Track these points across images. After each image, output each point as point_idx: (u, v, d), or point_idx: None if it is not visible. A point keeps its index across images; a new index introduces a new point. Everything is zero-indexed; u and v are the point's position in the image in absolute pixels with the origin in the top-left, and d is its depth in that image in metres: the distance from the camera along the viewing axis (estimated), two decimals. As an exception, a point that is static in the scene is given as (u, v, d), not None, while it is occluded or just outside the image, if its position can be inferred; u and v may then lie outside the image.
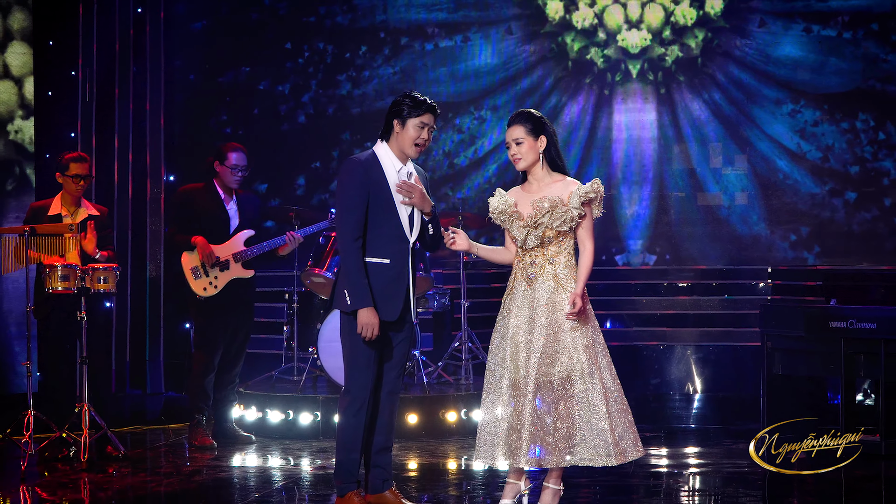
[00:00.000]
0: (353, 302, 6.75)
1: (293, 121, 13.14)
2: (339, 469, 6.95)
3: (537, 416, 6.61)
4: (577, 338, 6.63)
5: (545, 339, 6.63)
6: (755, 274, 12.48)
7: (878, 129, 12.61)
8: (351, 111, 13.13)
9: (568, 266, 6.69)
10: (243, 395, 9.89)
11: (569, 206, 6.63)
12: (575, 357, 6.62)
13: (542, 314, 6.66)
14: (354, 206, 6.78)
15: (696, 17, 12.90)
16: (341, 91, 13.13)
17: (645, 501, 7.71)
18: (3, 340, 11.27)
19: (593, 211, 6.70)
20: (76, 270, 8.63)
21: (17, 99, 11.41)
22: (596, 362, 6.65)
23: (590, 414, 6.57)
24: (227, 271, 9.23)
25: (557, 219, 6.63)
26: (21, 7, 11.36)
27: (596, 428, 6.57)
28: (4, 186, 11.38)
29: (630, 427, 6.66)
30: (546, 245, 6.70)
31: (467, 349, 10.59)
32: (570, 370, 6.60)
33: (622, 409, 6.66)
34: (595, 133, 13.02)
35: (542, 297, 6.66)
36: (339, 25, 13.13)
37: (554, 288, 6.66)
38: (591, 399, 6.58)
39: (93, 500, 7.72)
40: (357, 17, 13.13)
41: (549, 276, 6.69)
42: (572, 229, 6.66)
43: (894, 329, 8.68)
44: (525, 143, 6.70)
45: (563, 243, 6.69)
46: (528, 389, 6.62)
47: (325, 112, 13.15)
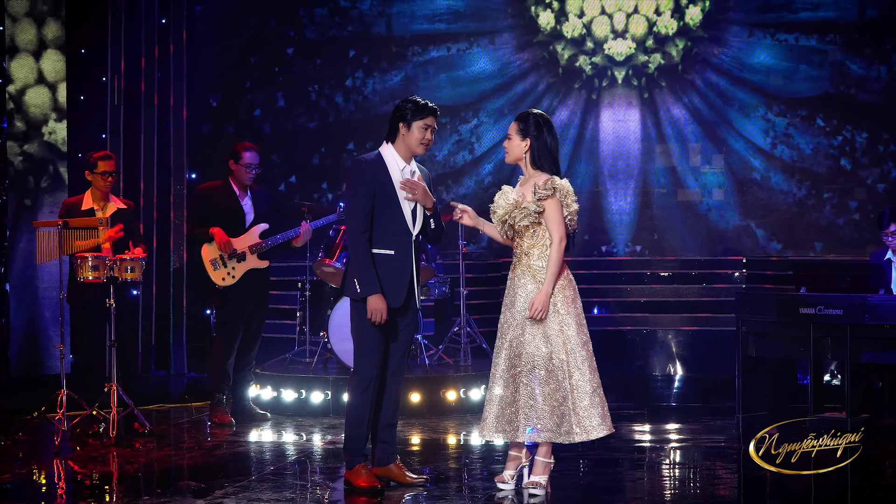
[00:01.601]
0: (362, 290, 6.77)
1: (305, 123, 13.12)
2: (348, 443, 6.96)
3: (528, 396, 6.66)
4: (554, 325, 6.65)
5: (522, 325, 6.71)
6: (731, 264, 12.48)
7: (844, 131, 12.61)
8: (359, 114, 13.10)
9: (541, 258, 6.72)
10: (259, 375, 9.88)
11: (527, 203, 6.67)
12: (553, 343, 6.66)
13: (519, 302, 6.75)
14: (361, 203, 6.80)
15: (676, 27, 12.88)
16: (351, 95, 13.11)
17: (629, 473, 7.71)
18: (39, 325, 11.27)
19: (561, 205, 6.66)
20: (106, 261, 8.63)
21: (51, 103, 11.40)
22: (573, 349, 6.66)
23: (564, 394, 6.61)
24: (244, 262, 9.22)
25: (519, 214, 6.69)
26: (55, 18, 11.34)
27: (571, 407, 6.61)
28: (39, 184, 11.37)
29: (602, 405, 6.69)
30: (520, 237, 6.76)
31: (466, 334, 10.59)
32: (549, 355, 6.66)
33: (595, 388, 6.69)
34: (583, 134, 13.01)
35: (518, 286, 6.76)
36: (349, 36, 13.11)
37: (529, 278, 6.73)
38: (565, 382, 6.62)
39: (121, 472, 7.72)
40: (366, 28, 13.10)
41: (525, 266, 6.77)
42: (539, 223, 6.68)
43: (859, 315, 8.67)
44: (512, 140, 6.82)
45: (537, 235, 6.72)
46: (517, 371, 6.68)
47: (340, 114, 13.13)
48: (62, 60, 11.38)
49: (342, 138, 13.07)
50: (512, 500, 6.75)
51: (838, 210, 12.59)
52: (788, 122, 12.70)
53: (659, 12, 12.89)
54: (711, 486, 7.32)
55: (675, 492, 7.28)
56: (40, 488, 7.44)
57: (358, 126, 13.05)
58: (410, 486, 7.02)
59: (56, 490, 7.41)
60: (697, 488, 7.31)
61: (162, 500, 6.79)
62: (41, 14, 11.32)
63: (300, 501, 6.81)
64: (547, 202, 6.64)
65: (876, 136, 12.52)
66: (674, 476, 7.80)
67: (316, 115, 13.13)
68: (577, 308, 6.74)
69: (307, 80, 13.12)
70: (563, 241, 6.66)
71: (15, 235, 11.04)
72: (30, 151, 11.30)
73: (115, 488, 7.31)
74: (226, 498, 6.82)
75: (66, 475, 7.69)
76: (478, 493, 6.98)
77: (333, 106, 13.12)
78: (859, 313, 8.66)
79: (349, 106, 13.12)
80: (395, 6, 13.09)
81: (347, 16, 13.10)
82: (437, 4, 13.13)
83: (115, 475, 7.65)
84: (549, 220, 6.66)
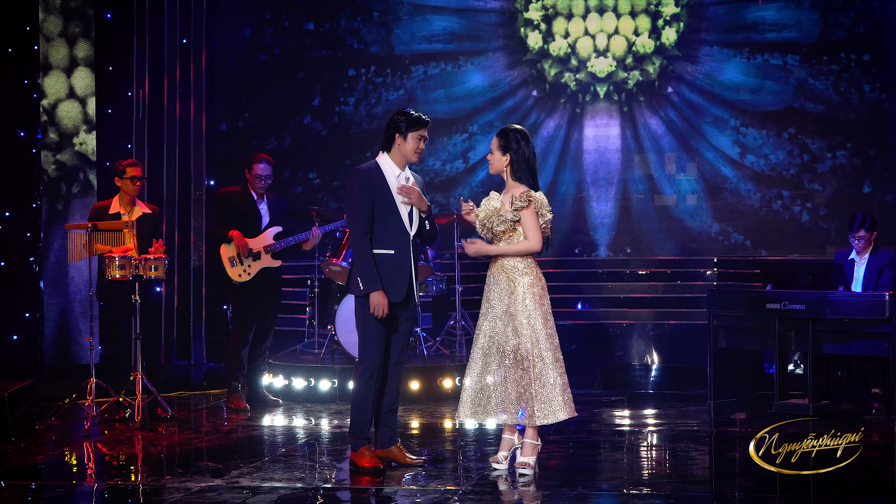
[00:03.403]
0: (365, 287, 6.79)
1: (313, 132, 13.12)
2: (353, 427, 6.95)
3: (498, 382, 6.74)
4: (523, 319, 6.74)
5: (496, 318, 6.81)
6: (703, 263, 12.47)
7: (806, 141, 12.60)
8: (363, 126, 13.09)
9: (514, 258, 6.81)
10: (272, 365, 9.87)
11: (504, 212, 6.77)
12: (523, 336, 6.72)
13: (493, 296, 6.85)
14: (361, 208, 6.83)
15: (653, 46, 12.87)
16: (358, 109, 13.09)
17: (610, 454, 7.71)
18: (70, 319, 11.25)
19: (536, 215, 6.76)
20: (131, 260, 8.62)
21: (82, 116, 11.37)
22: (538, 340, 6.72)
23: (529, 381, 6.70)
24: (259, 261, 9.21)
25: (497, 220, 6.81)
26: (85, 39, 11.32)
27: (534, 393, 6.68)
28: (71, 190, 11.35)
29: (564, 391, 6.75)
30: (497, 240, 6.86)
31: (461, 327, 10.59)
32: (517, 345, 6.74)
33: (558, 376, 6.72)
34: (568, 145, 12.99)
35: (493, 282, 6.87)
36: (355, 55, 13.10)
37: (503, 276, 6.83)
38: (531, 370, 6.69)
39: (145, 454, 7.71)
40: (368, 47, 13.10)
41: (499, 265, 6.87)
42: (514, 229, 6.77)
43: (820, 309, 8.68)
44: (494, 155, 6.92)
45: (511, 239, 6.83)
46: (490, 359, 6.79)
47: (344, 126, 13.12)
48: (91, 77, 11.36)
49: (350, 148, 13.04)
50: (504, 479, 6.75)
51: (800, 214, 12.59)
52: (755, 134, 12.70)
53: (638, 33, 12.89)
54: (685, 466, 7.31)
55: (653, 471, 7.28)
56: (71, 468, 7.44)
57: (364, 137, 13.02)
58: (410, 467, 7.02)
59: (86, 470, 7.41)
60: (672, 468, 7.31)
61: (183, 479, 6.78)
62: (72, 35, 11.31)
63: (309, 480, 6.80)
64: (523, 212, 6.76)
65: (833, 146, 12.52)
66: (651, 457, 7.80)
67: (326, 126, 13.11)
68: (545, 305, 6.81)
69: (315, 95, 13.10)
70: (538, 244, 6.77)
71: (49, 237, 11.03)
72: (62, 160, 11.28)
73: (139, 468, 7.31)
74: (241, 477, 6.81)
75: (95, 456, 7.69)
76: (472, 473, 6.98)
77: (342, 118, 13.10)
78: (820, 308, 8.67)
79: (356, 118, 13.10)
80: (397, 28, 13.08)
81: (356, 36, 13.08)
82: (435, 26, 13.11)
83: (140, 456, 7.64)
84: (526, 228, 6.78)
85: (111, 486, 6.76)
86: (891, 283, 9.06)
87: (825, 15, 12.51)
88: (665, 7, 12.83)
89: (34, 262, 10.68)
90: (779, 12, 12.64)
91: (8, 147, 10.57)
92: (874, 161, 12.44)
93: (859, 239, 9.16)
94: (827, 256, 11.50)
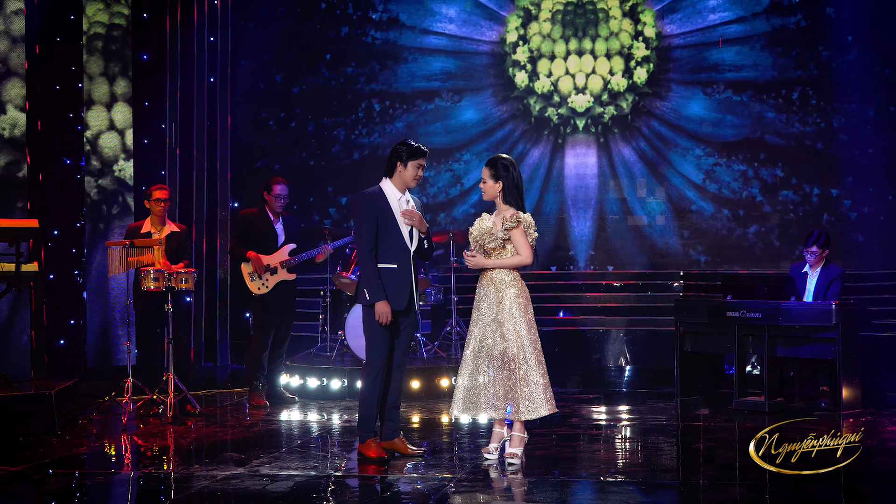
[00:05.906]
0: (371, 297, 6.79)
1: (329, 161, 13.11)
2: (361, 422, 6.95)
3: (487, 382, 6.71)
4: (510, 326, 6.74)
5: (485, 325, 6.81)
6: (670, 276, 12.46)
7: (761, 169, 12.62)
8: (373, 154, 13.09)
9: (501, 272, 6.82)
10: (289, 366, 9.86)
11: (496, 231, 6.78)
12: (509, 340, 6.74)
13: (483, 306, 6.86)
14: (366, 228, 6.85)
15: (626, 84, 12.90)
16: (370, 139, 13.10)
17: (589, 445, 7.70)
18: (110, 326, 11.22)
19: (525, 233, 6.77)
20: (164, 273, 8.62)
21: (121, 146, 11.37)
22: (523, 345, 6.73)
23: (515, 381, 6.70)
24: (276, 275, 9.21)
25: (488, 238, 6.83)
26: (123, 77, 11.32)
27: (520, 391, 6.68)
28: (111, 211, 11.33)
29: (546, 389, 6.75)
30: (488, 256, 6.87)
31: (456, 332, 10.58)
32: (504, 349, 6.74)
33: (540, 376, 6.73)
34: (552, 171, 13.00)
35: (483, 293, 6.88)
36: (366, 91, 13.10)
37: (492, 287, 6.84)
38: (517, 371, 6.69)
39: (177, 445, 7.70)
40: (375, 83, 13.11)
41: (489, 278, 6.88)
42: (504, 247, 6.79)
43: (774, 317, 8.68)
44: (487, 183, 6.93)
45: (500, 256, 6.83)
46: (479, 361, 6.78)
47: (354, 155, 13.11)
48: (129, 111, 11.36)
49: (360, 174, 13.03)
50: (495, 468, 6.74)
51: (757, 233, 12.60)
52: (716, 162, 12.71)
53: (612, 73, 12.91)
54: (655, 456, 7.30)
55: (626, 460, 7.27)
56: (111, 458, 7.42)
57: (371, 164, 13.02)
58: (411, 457, 7.01)
59: (123, 460, 7.39)
60: (644, 458, 7.29)
61: (210, 468, 6.76)
62: (112, 74, 11.31)
63: (322, 469, 6.79)
64: (513, 232, 6.77)
65: (787, 172, 12.54)
66: (625, 448, 7.79)
67: (338, 155, 13.11)
68: (529, 314, 6.83)
69: (326, 127, 13.10)
70: (530, 258, 6.79)
71: (91, 253, 11.01)
72: (103, 185, 11.27)
73: (171, 458, 7.29)
74: (261, 466, 6.80)
75: (132, 448, 7.67)
76: (466, 462, 6.96)
77: (351, 147, 13.10)
78: (775, 316, 8.68)
79: (363, 148, 13.09)
80: (400, 68, 13.09)
81: (364, 75, 13.09)
82: (433, 66, 13.13)
83: (172, 448, 7.62)
84: (517, 245, 6.79)
85: (146, 474, 6.76)
86: (838, 294, 9.07)
87: (778, 58, 12.55)
88: (636, 50, 12.87)
89: (78, 275, 10.68)
90: (737, 55, 12.67)
91: (56, 174, 10.59)
92: (824, 186, 12.45)
93: (812, 253, 9.17)
94: (781, 270, 11.50)
